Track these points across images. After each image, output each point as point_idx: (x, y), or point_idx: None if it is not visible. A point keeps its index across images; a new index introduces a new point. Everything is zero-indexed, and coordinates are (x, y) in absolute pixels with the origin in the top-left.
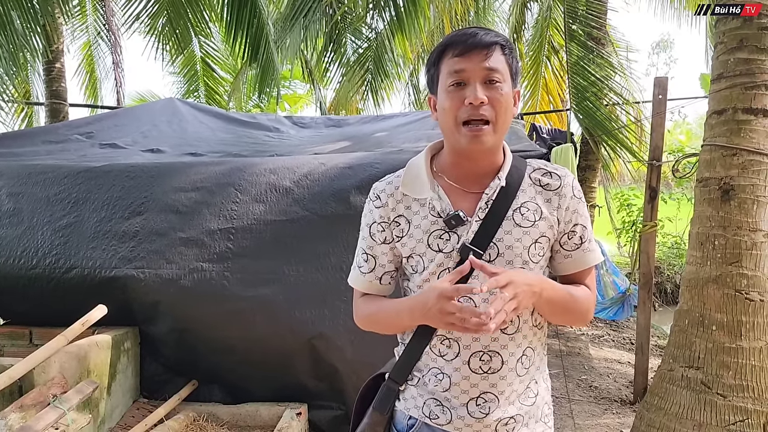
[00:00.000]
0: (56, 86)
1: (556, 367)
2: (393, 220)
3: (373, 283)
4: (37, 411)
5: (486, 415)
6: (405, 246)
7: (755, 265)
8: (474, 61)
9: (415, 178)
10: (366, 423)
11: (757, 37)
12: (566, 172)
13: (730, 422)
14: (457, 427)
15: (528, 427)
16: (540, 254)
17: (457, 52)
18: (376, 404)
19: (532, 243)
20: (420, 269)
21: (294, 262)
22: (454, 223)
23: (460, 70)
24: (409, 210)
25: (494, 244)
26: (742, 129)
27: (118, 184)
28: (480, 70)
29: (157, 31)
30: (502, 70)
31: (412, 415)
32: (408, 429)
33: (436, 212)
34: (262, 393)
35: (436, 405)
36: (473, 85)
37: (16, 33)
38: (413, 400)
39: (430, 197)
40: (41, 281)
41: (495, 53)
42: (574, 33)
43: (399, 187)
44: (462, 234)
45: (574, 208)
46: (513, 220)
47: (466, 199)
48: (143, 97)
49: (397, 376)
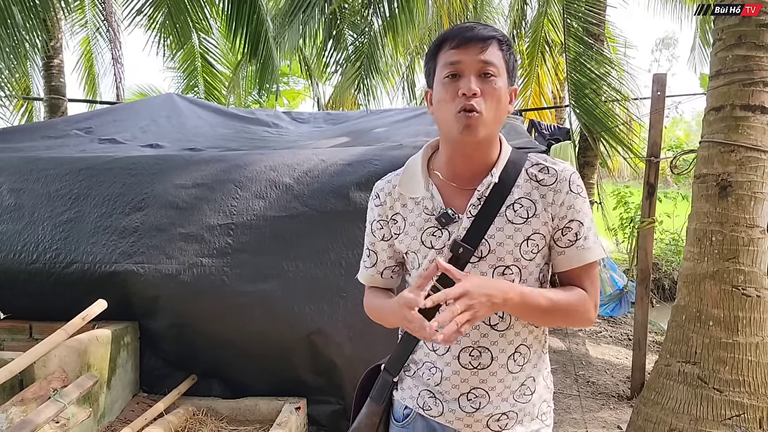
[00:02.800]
0: (55, 81)
1: (555, 362)
2: (390, 218)
3: (375, 277)
4: (38, 405)
5: (476, 410)
6: (402, 243)
7: (752, 261)
8: (470, 54)
9: (412, 176)
10: (364, 413)
11: (756, 34)
12: (565, 167)
13: (726, 417)
14: (449, 420)
15: (522, 424)
16: (533, 252)
17: (453, 45)
18: (373, 394)
19: (524, 240)
20: (416, 265)
21: (293, 257)
22: (445, 221)
23: (456, 61)
24: (405, 208)
25: (486, 240)
26: (740, 126)
27: (119, 180)
28: (475, 63)
29: (157, 24)
30: (497, 64)
31: (408, 405)
32: (404, 418)
33: (428, 210)
34: (261, 387)
35: (429, 397)
36: (468, 77)
37: (17, 28)
38: (409, 391)
39: (423, 195)
40: (41, 276)
41: (491, 47)
42: (573, 29)
43: (396, 186)
44: (453, 231)
45: (570, 204)
46: (505, 216)
47: (459, 196)
48: (143, 91)
49: (391, 368)
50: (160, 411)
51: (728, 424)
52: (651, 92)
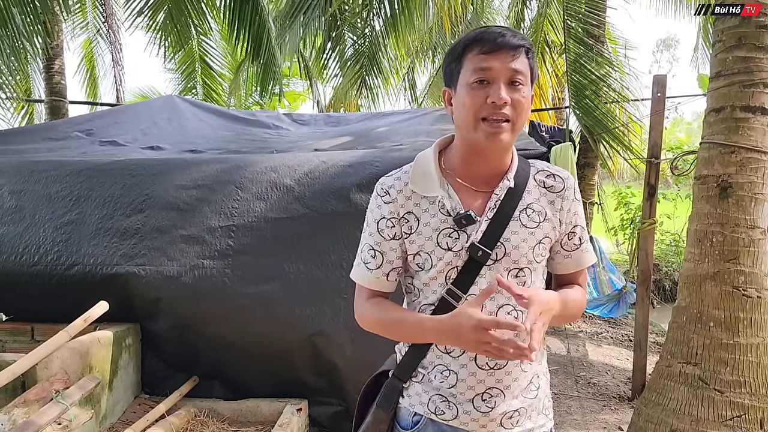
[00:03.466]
0: (56, 83)
1: (556, 364)
2: (402, 216)
3: (380, 279)
4: (40, 406)
5: (492, 409)
6: (413, 243)
7: (753, 262)
8: (501, 61)
9: (425, 175)
10: (370, 420)
11: (756, 35)
12: (568, 175)
13: (727, 418)
14: (464, 422)
15: (531, 419)
16: (543, 255)
17: (485, 50)
18: (380, 401)
19: (536, 243)
20: (428, 267)
21: (294, 259)
22: (465, 222)
23: (487, 68)
24: (418, 207)
25: (501, 243)
26: (740, 127)
27: (120, 181)
28: (506, 71)
29: (157, 26)
30: (525, 72)
31: (417, 412)
32: (413, 426)
33: (446, 210)
34: (262, 389)
35: (441, 401)
36: (498, 84)
37: (17, 29)
38: (418, 397)
39: (441, 195)
40: (43, 278)
41: (521, 56)
42: (573, 31)
43: (408, 183)
44: (471, 233)
45: (575, 210)
46: (519, 220)
47: (475, 197)
48: (144, 94)
49: (401, 374)
50: (162, 412)
51: (729, 425)
52: (651, 93)
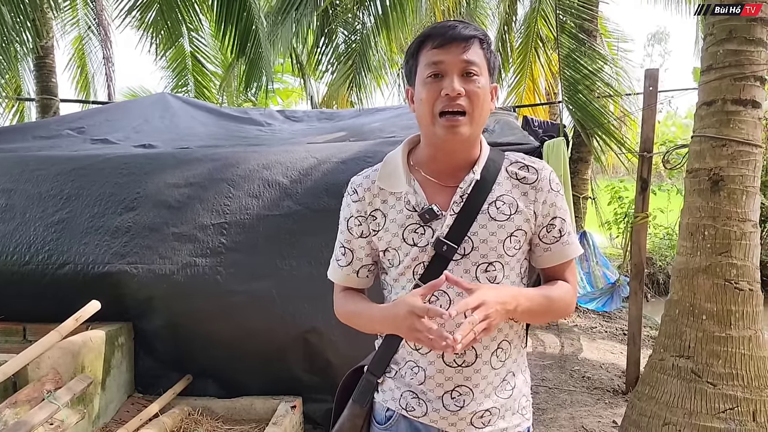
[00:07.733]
0: (47, 81)
1: (550, 358)
2: (369, 214)
3: (351, 276)
4: (32, 407)
5: (461, 408)
6: (381, 240)
7: (744, 254)
8: (452, 53)
9: (392, 172)
10: (346, 415)
11: (746, 28)
12: (543, 165)
13: (720, 410)
14: (433, 420)
15: (505, 419)
16: (516, 248)
17: (435, 44)
18: (355, 396)
19: (507, 237)
20: (396, 263)
21: (287, 256)
22: (429, 217)
23: (438, 61)
24: (385, 204)
25: (469, 238)
26: (732, 120)
27: (111, 180)
28: (458, 63)
29: (147, 23)
30: (479, 63)
31: (390, 407)
32: (386, 421)
33: (411, 206)
34: (256, 387)
35: (412, 397)
36: (450, 76)
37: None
38: (391, 392)
39: (406, 191)
40: (34, 277)
41: (473, 46)
42: (567, 26)
43: (375, 181)
44: (437, 228)
45: (552, 201)
46: (488, 213)
47: (441, 193)
48: (134, 93)
49: (375, 369)
50: (155, 411)
51: (722, 418)
52: (643, 88)
